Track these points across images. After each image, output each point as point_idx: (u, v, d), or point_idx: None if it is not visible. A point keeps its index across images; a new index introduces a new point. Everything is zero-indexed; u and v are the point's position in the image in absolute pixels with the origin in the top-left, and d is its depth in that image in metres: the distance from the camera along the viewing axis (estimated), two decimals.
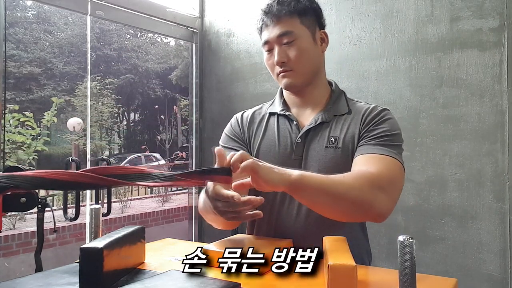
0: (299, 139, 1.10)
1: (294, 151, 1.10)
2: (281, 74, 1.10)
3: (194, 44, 2.85)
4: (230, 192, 0.84)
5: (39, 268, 0.87)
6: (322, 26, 1.14)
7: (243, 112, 1.25)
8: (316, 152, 1.08)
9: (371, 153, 1.01)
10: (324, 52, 1.15)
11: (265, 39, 1.11)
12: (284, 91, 1.19)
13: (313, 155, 1.08)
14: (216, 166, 0.81)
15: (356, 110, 1.12)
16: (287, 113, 1.15)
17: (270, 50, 1.11)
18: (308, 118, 1.14)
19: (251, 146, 1.18)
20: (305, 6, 1.10)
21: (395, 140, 1.05)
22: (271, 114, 1.19)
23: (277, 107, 1.18)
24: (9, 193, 0.78)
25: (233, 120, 1.24)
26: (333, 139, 1.08)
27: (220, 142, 1.21)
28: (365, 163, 0.99)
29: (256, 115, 1.22)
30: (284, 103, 1.18)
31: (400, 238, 0.64)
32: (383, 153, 1.00)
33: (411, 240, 0.63)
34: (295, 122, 1.13)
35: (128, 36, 19.08)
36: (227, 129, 1.23)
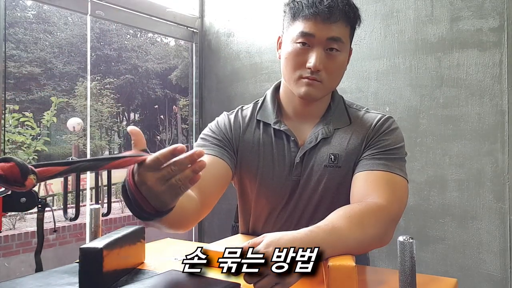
0: (298, 158, 1.00)
1: (293, 172, 1.00)
2: (307, 80, 0.93)
3: (194, 44, 2.84)
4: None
5: (39, 268, 0.87)
6: None
7: (229, 115, 1.09)
8: (315, 172, 0.99)
9: (375, 170, 0.92)
10: None
11: (309, 31, 0.91)
12: (284, 97, 1.05)
13: (311, 175, 0.99)
14: (133, 146, 0.67)
15: (357, 121, 1.02)
16: (282, 127, 1.02)
17: (305, 44, 0.92)
18: (306, 131, 1.02)
19: (238, 155, 1.05)
20: (357, 18, 0.96)
21: (399, 154, 0.96)
22: (265, 124, 1.04)
23: (271, 117, 1.04)
24: (9, 193, 0.78)
25: (223, 118, 1.08)
26: (332, 157, 0.98)
27: (204, 136, 1.05)
28: (369, 184, 0.90)
29: (240, 119, 1.07)
30: (278, 112, 1.04)
31: (400, 238, 0.64)
32: (388, 170, 0.91)
33: (411, 240, 0.63)
34: (292, 138, 1.01)
35: (128, 36, 19.06)
36: (214, 127, 1.07)
